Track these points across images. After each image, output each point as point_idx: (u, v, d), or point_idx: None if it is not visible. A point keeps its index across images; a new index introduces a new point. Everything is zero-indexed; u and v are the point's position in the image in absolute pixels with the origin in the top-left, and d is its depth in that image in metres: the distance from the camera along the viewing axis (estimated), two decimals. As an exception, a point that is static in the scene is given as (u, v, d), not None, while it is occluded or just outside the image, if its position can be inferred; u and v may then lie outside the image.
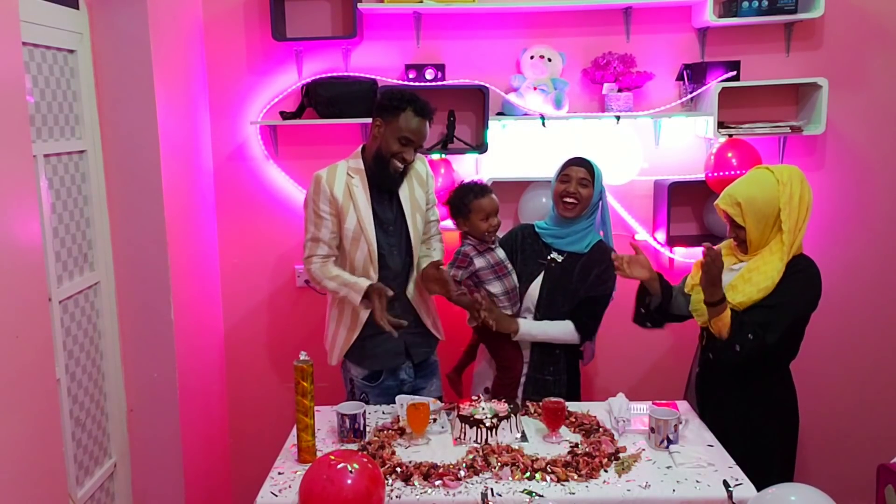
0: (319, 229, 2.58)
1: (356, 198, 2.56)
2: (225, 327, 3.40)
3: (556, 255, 2.68)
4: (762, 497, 1.81)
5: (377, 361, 2.64)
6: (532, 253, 2.72)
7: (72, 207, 2.44)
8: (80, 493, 2.42)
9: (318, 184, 2.57)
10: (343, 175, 2.59)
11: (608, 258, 2.54)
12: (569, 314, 2.63)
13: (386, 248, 2.60)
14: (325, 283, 2.58)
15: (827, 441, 3.42)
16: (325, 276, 2.58)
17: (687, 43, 3.23)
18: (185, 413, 2.83)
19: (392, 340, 2.56)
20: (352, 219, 2.56)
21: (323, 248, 2.59)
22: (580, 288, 2.63)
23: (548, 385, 2.63)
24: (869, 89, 3.24)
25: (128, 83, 2.58)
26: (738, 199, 2.31)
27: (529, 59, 3.11)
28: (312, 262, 2.61)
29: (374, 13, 3.11)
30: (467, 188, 2.68)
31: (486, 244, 2.65)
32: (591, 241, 2.67)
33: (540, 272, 2.68)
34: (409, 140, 2.52)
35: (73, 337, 2.42)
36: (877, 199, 3.31)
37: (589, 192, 2.62)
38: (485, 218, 2.62)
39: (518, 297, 2.68)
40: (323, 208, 2.56)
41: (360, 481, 1.78)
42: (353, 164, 2.62)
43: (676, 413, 2.26)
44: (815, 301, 2.33)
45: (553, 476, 2.04)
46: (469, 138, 3.26)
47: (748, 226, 2.30)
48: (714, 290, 2.25)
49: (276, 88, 3.24)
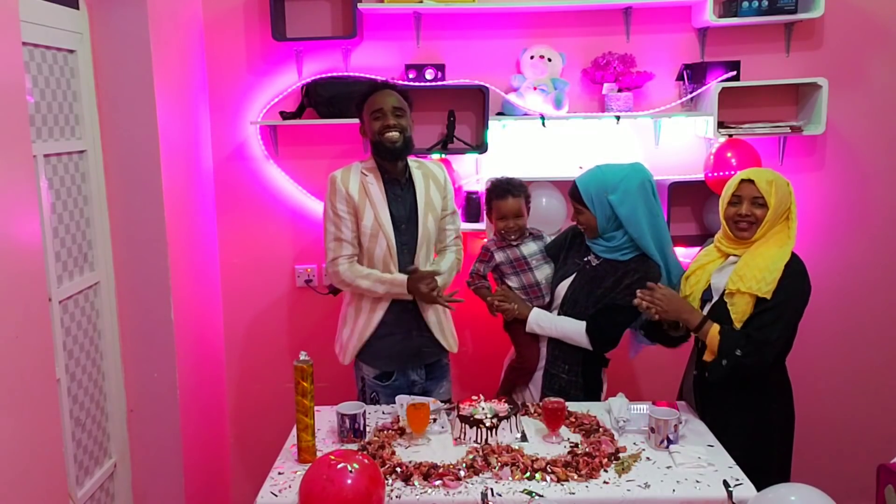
0: (341, 229, 2.60)
1: (372, 195, 2.59)
2: (225, 327, 3.40)
3: (594, 258, 2.63)
4: (762, 497, 1.81)
5: (389, 362, 2.66)
6: (575, 253, 2.70)
7: (72, 207, 2.44)
8: (80, 493, 2.42)
9: (333, 184, 2.61)
10: (357, 174, 2.63)
11: (646, 269, 2.51)
12: (587, 318, 2.57)
13: (397, 246, 2.61)
14: (359, 283, 2.59)
15: (827, 441, 3.42)
16: (357, 276, 2.59)
17: (687, 43, 3.23)
18: (185, 413, 2.83)
19: (404, 342, 2.63)
20: (369, 215, 2.58)
21: (347, 248, 2.60)
22: (608, 295, 2.55)
23: (562, 383, 2.61)
24: (869, 89, 3.24)
25: (128, 83, 2.58)
26: (770, 177, 2.33)
27: (529, 59, 3.11)
28: (339, 264, 2.61)
29: (374, 13, 3.11)
30: (494, 185, 2.73)
31: (507, 241, 2.70)
32: (629, 252, 2.57)
33: (573, 272, 2.66)
34: (378, 113, 2.57)
35: (73, 337, 2.42)
36: (876, 198, 3.31)
37: (586, 217, 2.56)
38: (500, 218, 2.69)
39: (541, 292, 2.71)
40: (340, 208, 2.58)
41: (360, 481, 1.78)
42: (366, 164, 2.67)
43: (676, 413, 2.26)
44: (807, 297, 2.34)
45: (553, 476, 2.04)
46: (469, 138, 3.26)
47: (772, 205, 2.30)
48: (688, 319, 2.32)
49: (276, 88, 3.24)
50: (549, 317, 2.64)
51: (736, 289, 2.28)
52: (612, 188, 2.51)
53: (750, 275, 2.27)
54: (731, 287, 2.29)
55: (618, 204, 2.51)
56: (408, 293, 2.57)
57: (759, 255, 2.30)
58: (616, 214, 2.52)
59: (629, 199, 2.51)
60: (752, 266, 2.28)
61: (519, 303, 2.68)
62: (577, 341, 2.58)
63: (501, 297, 2.68)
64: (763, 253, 2.30)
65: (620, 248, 2.56)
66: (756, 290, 2.24)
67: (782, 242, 2.32)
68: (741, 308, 2.28)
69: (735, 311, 2.29)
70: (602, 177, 2.55)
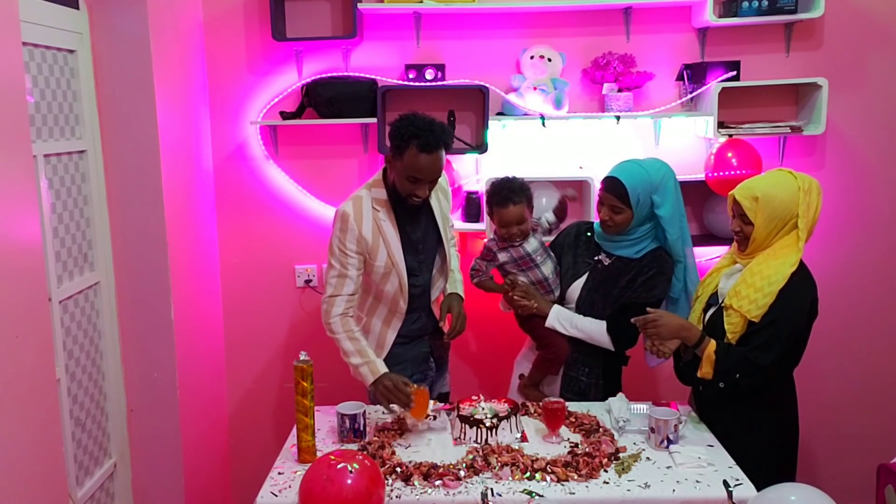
0: (346, 267, 2.45)
1: (386, 234, 2.47)
2: (225, 327, 3.40)
3: (605, 257, 2.59)
4: (762, 497, 1.81)
5: (405, 367, 2.61)
6: (584, 251, 2.66)
7: (72, 207, 2.44)
8: (80, 493, 2.42)
9: (345, 222, 2.44)
10: (369, 211, 2.47)
11: (660, 264, 2.49)
12: (606, 318, 2.54)
13: (415, 267, 2.55)
14: (342, 342, 2.45)
15: (827, 441, 3.42)
16: (343, 332, 2.45)
17: (687, 43, 3.23)
18: (185, 413, 2.83)
19: (419, 347, 2.63)
20: (382, 255, 2.48)
21: (349, 286, 2.46)
22: (624, 293, 2.52)
23: (582, 386, 2.60)
24: (869, 89, 3.24)
25: (128, 83, 2.58)
26: (757, 193, 2.25)
27: (529, 59, 3.11)
28: (335, 305, 2.46)
29: (374, 13, 3.11)
30: (495, 190, 2.64)
31: (507, 242, 2.67)
32: (644, 247, 2.52)
33: (585, 272, 2.62)
34: (416, 178, 2.38)
35: (73, 337, 2.42)
36: (877, 199, 3.32)
37: (624, 216, 2.46)
38: (502, 225, 2.63)
39: (549, 287, 2.66)
40: (350, 248, 2.45)
41: (360, 481, 1.78)
42: (376, 193, 2.50)
43: (676, 413, 2.26)
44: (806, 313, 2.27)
45: (553, 476, 2.04)
46: (469, 138, 3.26)
47: (757, 223, 2.25)
48: (687, 336, 2.29)
49: (276, 88, 3.24)
50: (569, 314, 2.59)
51: (730, 304, 2.26)
52: (656, 187, 2.44)
53: (744, 293, 2.24)
54: (727, 302, 2.28)
55: (660, 203, 2.44)
56: (368, 386, 2.42)
57: (758, 272, 2.25)
58: (654, 213, 2.46)
59: (669, 198, 2.46)
60: (749, 284, 2.24)
61: (539, 299, 2.62)
62: (599, 341, 2.55)
63: (522, 294, 2.61)
64: (762, 270, 2.24)
65: (640, 241, 2.51)
66: (746, 312, 2.22)
67: (787, 255, 2.24)
68: (735, 321, 2.25)
69: (729, 322, 2.27)
70: (647, 176, 2.44)
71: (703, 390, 2.37)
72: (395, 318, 2.60)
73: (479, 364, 3.40)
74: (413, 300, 2.57)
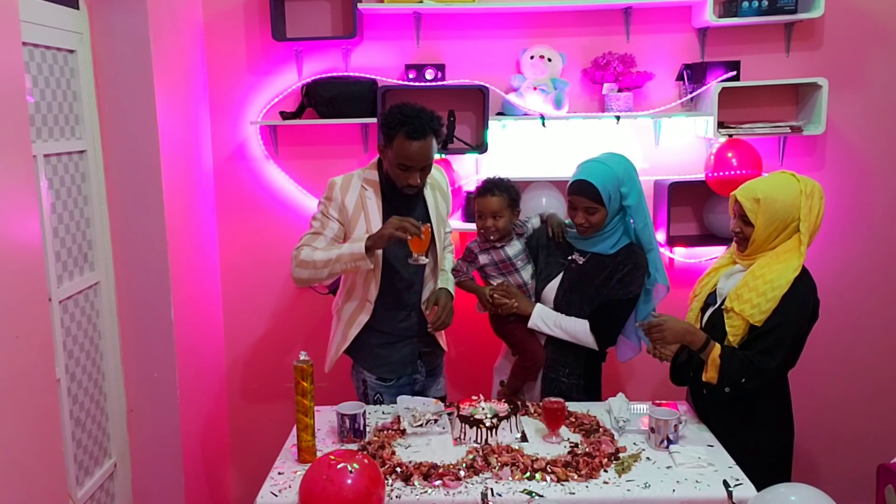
0: (325, 227, 2.52)
1: (368, 210, 2.51)
2: (225, 327, 3.40)
3: (578, 255, 2.58)
4: (762, 497, 1.81)
5: (391, 369, 2.63)
6: (555, 251, 2.64)
7: (72, 207, 2.44)
8: (80, 493, 2.42)
9: (331, 189, 2.53)
10: (357, 186, 2.53)
11: (634, 260, 2.49)
12: (588, 317, 2.53)
13: (401, 259, 2.52)
14: (315, 256, 2.44)
15: (827, 441, 3.42)
16: (313, 252, 2.45)
17: (687, 43, 3.23)
18: (185, 413, 2.83)
19: (405, 349, 2.61)
20: (361, 229, 2.51)
21: (321, 242, 2.50)
22: (602, 291, 2.52)
23: (563, 387, 2.58)
24: (869, 89, 3.24)
25: (128, 83, 2.58)
26: (759, 195, 2.25)
27: (529, 59, 3.11)
28: (303, 250, 2.48)
29: (374, 13, 3.11)
30: (482, 182, 2.65)
31: (488, 243, 2.63)
32: (617, 242, 2.53)
33: (558, 272, 2.61)
34: (406, 166, 2.42)
35: (73, 337, 2.42)
36: (877, 199, 3.32)
37: (599, 215, 2.46)
38: (479, 216, 2.60)
39: (528, 293, 2.64)
40: (332, 213, 2.52)
41: (360, 481, 1.78)
42: (368, 174, 2.56)
43: (676, 413, 2.26)
44: (807, 317, 2.27)
45: (553, 476, 2.03)
46: (469, 138, 3.26)
47: (758, 225, 2.25)
48: (692, 341, 2.27)
49: (276, 88, 3.24)
50: (552, 314, 2.57)
51: (732, 307, 2.26)
52: (621, 180, 2.46)
53: (747, 297, 2.23)
54: (728, 304, 2.27)
55: (627, 194, 2.46)
56: (366, 244, 2.38)
57: (760, 275, 2.24)
58: (623, 206, 2.48)
59: (635, 188, 2.49)
60: (752, 288, 2.23)
61: (520, 298, 2.60)
62: (582, 340, 2.54)
63: (503, 292, 2.59)
64: (765, 275, 2.23)
65: (612, 235, 2.51)
66: (749, 316, 2.21)
67: (790, 259, 2.23)
68: (736, 324, 2.25)
69: (731, 325, 2.26)
70: (611, 171, 2.47)
71: (707, 394, 2.36)
72: (367, 305, 2.57)
73: (473, 365, 3.39)
74: (399, 294, 2.56)
